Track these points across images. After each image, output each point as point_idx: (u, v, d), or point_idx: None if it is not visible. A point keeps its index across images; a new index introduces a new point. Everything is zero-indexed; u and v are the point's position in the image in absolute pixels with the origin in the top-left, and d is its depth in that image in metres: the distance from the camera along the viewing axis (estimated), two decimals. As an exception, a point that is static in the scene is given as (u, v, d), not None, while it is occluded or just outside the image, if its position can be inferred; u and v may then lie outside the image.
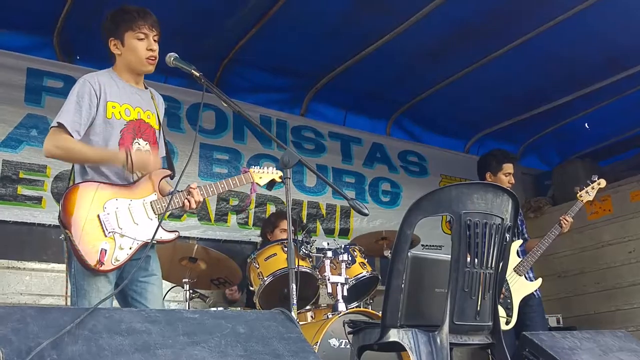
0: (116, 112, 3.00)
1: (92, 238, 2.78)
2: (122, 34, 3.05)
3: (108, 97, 2.99)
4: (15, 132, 4.71)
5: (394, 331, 2.52)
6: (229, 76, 5.62)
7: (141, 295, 2.98)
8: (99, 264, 2.75)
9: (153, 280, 3.04)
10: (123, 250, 2.85)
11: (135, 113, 3.07)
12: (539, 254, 4.64)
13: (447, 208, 2.55)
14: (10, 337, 1.54)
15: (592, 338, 3.16)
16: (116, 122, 2.99)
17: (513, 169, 4.94)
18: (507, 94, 6.19)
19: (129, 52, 3.06)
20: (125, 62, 3.10)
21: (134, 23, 3.04)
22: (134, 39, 3.04)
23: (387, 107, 6.58)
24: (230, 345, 1.82)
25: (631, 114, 6.42)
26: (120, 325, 1.72)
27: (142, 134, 3.09)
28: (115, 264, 2.81)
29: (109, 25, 3.09)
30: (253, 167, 3.41)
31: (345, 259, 4.12)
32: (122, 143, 2.99)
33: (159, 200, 3.02)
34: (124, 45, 3.06)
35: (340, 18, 4.92)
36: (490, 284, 2.60)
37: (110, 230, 2.83)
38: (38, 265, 4.65)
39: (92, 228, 2.79)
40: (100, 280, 2.81)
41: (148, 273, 3.02)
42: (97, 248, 2.77)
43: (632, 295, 6.36)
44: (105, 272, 2.78)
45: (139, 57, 3.06)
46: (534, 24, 5.04)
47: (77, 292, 2.83)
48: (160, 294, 3.11)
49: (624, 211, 6.54)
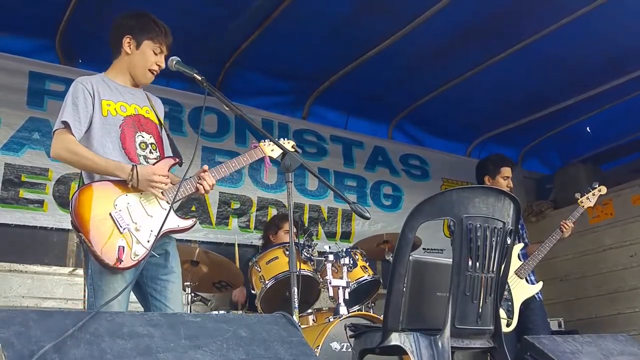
0: (111, 109, 3.01)
1: (107, 237, 2.76)
2: (142, 38, 3.09)
3: (102, 95, 3.01)
4: (18, 135, 4.73)
5: (396, 335, 2.52)
6: (231, 79, 5.63)
7: (161, 294, 2.97)
8: (118, 261, 2.73)
9: (173, 278, 3.02)
10: (141, 244, 2.82)
11: (132, 109, 3.08)
12: (540, 258, 4.64)
13: (449, 212, 2.55)
14: (12, 340, 1.54)
15: (594, 342, 3.15)
16: (113, 118, 3.00)
17: (511, 173, 4.95)
18: (509, 97, 6.20)
19: (140, 57, 3.10)
20: (130, 65, 3.12)
21: (157, 36, 3.10)
22: (151, 49, 3.10)
23: (388, 111, 6.59)
24: (232, 349, 1.82)
25: (633, 118, 6.42)
26: (122, 329, 1.73)
27: (143, 128, 3.09)
28: (135, 259, 2.78)
29: (133, 23, 3.11)
30: (263, 141, 3.34)
31: (346, 262, 4.12)
32: (123, 138, 2.99)
33: (170, 189, 3.00)
34: (138, 49, 3.09)
35: (341, 21, 4.93)
36: (491, 288, 2.60)
37: (124, 227, 2.80)
38: (40, 268, 4.65)
39: (106, 227, 2.77)
40: (117, 281, 2.79)
41: (168, 270, 3.00)
42: (115, 246, 2.75)
43: (633, 299, 6.35)
44: (125, 269, 2.76)
45: (145, 65, 3.11)
46: (535, 27, 5.05)
47: (95, 294, 2.81)
48: (180, 292, 3.07)
49: (626, 215, 6.54)
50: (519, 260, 4.69)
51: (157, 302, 2.96)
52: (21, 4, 4.51)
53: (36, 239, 4.72)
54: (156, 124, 3.19)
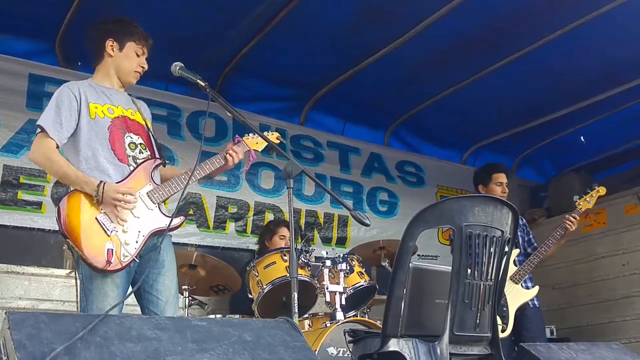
0: (99, 111, 3.06)
1: (95, 241, 2.81)
2: (125, 40, 3.17)
3: (89, 99, 3.06)
4: (17, 137, 4.74)
5: (395, 341, 2.55)
6: (230, 85, 5.66)
7: (152, 287, 3.02)
8: (107, 264, 2.78)
9: (164, 271, 3.06)
10: (130, 245, 2.87)
11: (119, 110, 3.13)
12: (536, 262, 4.66)
13: (449, 220, 2.59)
14: (24, 342, 1.57)
15: (588, 350, 3.20)
16: (101, 120, 3.04)
17: (505, 179, 4.98)
18: (504, 106, 6.25)
19: (124, 58, 3.18)
20: (115, 66, 3.19)
21: (138, 39, 3.19)
22: (133, 51, 3.19)
23: (385, 118, 6.64)
24: (238, 353, 1.86)
25: (626, 128, 6.49)
26: (130, 332, 1.76)
27: (131, 129, 3.14)
28: (126, 261, 2.84)
29: (114, 27, 3.19)
30: (246, 135, 3.46)
31: (343, 268, 4.15)
32: (112, 139, 3.03)
33: (156, 190, 3.05)
34: (121, 51, 3.18)
35: (340, 29, 4.97)
36: (489, 296, 2.64)
37: (111, 230, 2.86)
38: (37, 270, 4.66)
39: (93, 232, 2.83)
40: (107, 284, 2.84)
41: (159, 264, 3.04)
42: (103, 249, 2.80)
43: (625, 308, 6.40)
44: (114, 271, 2.81)
45: (130, 66, 3.19)
46: (531, 38, 5.11)
47: (86, 297, 2.87)
48: (172, 285, 3.10)
49: (618, 224, 6.60)
50: (514, 265, 4.72)
51: (148, 295, 3.01)
52: (22, 6, 4.53)
53: (34, 240, 4.73)
54: (143, 124, 3.23)
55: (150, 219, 2.99)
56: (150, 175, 3.09)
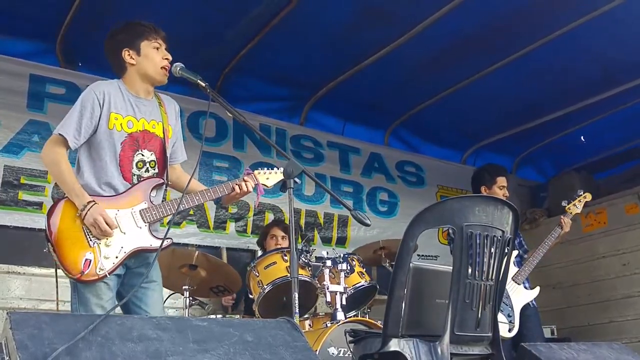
0: (117, 123, 3.02)
1: (75, 249, 2.82)
2: (138, 44, 3.11)
3: (112, 107, 3.01)
4: (17, 137, 4.75)
5: (395, 341, 2.55)
6: (230, 85, 5.66)
7: (141, 300, 3.01)
8: (80, 273, 2.78)
9: (153, 287, 3.08)
10: (108, 259, 2.86)
11: (140, 124, 3.08)
12: (536, 262, 4.69)
13: (449, 220, 2.58)
14: (26, 342, 1.57)
15: (589, 350, 3.19)
16: (117, 133, 3.01)
17: (507, 183, 5.00)
18: (504, 106, 6.26)
19: (146, 60, 3.11)
20: (141, 72, 3.12)
21: (149, 35, 3.12)
22: (151, 48, 3.12)
23: (385, 118, 6.65)
24: (239, 353, 1.86)
25: (626, 128, 6.50)
26: (131, 332, 1.76)
27: (146, 145, 3.10)
28: (100, 274, 2.82)
29: (123, 37, 3.13)
30: (259, 169, 3.38)
31: (344, 268, 4.15)
32: (122, 155, 3.01)
33: (150, 209, 3.01)
34: (140, 55, 3.10)
35: (340, 29, 4.98)
36: (490, 296, 2.64)
37: (94, 241, 2.85)
38: (38, 270, 4.66)
39: (76, 239, 2.83)
40: (100, 287, 2.85)
41: (148, 280, 3.03)
42: (81, 258, 2.80)
43: (625, 308, 6.41)
44: (87, 281, 2.81)
45: (155, 64, 3.11)
46: (531, 39, 5.12)
47: (79, 299, 2.87)
48: (160, 300, 3.15)
49: (619, 224, 6.61)
50: (514, 266, 4.73)
51: (137, 309, 3.00)
52: (22, 7, 4.54)
53: (34, 241, 4.70)
54: (161, 138, 3.17)
55: (136, 237, 2.96)
56: (149, 193, 3.06)
